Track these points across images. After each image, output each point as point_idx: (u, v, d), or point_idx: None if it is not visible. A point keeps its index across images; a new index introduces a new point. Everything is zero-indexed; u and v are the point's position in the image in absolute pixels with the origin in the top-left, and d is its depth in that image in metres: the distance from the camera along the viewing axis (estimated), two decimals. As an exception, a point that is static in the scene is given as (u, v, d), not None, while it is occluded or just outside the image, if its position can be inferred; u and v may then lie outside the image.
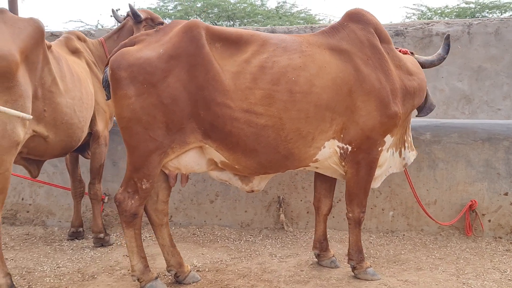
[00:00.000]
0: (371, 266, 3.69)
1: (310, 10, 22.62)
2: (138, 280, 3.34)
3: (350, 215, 3.65)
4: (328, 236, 4.54)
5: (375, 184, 3.80)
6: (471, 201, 4.51)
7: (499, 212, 4.57)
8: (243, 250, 4.34)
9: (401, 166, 3.91)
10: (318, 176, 3.91)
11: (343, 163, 3.51)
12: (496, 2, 17.74)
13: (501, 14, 17.09)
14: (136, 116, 3.13)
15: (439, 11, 16.01)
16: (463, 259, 4.08)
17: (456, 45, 6.04)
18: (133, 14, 4.54)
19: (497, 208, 4.56)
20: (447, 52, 3.81)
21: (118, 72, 3.12)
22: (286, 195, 4.85)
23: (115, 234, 4.79)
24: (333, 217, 4.79)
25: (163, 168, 3.34)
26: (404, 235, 4.67)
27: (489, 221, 4.60)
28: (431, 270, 3.82)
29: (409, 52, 3.87)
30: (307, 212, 4.84)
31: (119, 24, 5.08)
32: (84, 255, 4.27)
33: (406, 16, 16.91)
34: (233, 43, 3.27)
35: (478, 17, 6.33)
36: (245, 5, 17.63)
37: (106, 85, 3.35)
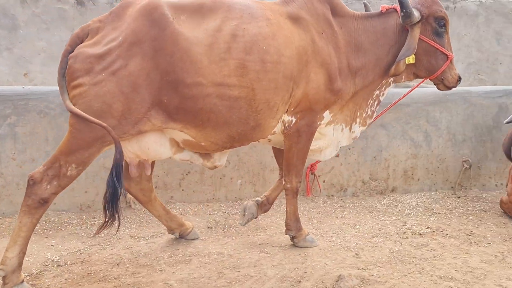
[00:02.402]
0: (309, 234, 3.74)
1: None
2: (4, 277, 2.81)
3: (288, 185, 3.62)
4: (180, 210, 4.42)
5: (324, 157, 3.88)
6: (311, 164, 4.82)
7: (332, 173, 5.01)
8: (97, 235, 3.88)
9: (350, 139, 3.92)
10: (279, 153, 3.90)
11: (283, 134, 3.49)
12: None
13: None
14: (89, 105, 2.86)
15: None
16: (315, 218, 4.38)
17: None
18: None
19: (330, 169, 4.99)
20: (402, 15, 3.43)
21: (73, 65, 2.88)
22: (132, 171, 4.48)
23: None
24: (183, 190, 4.63)
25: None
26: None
27: (324, 181, 5.01)
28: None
29: (397, 9, 3.58)
30: (155, 187, 4.53)
31: None
32: None
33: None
34: (196, 11, 3.10)
35: None
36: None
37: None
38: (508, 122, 4.90)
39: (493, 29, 7.27)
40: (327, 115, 3.56)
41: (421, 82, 4.04)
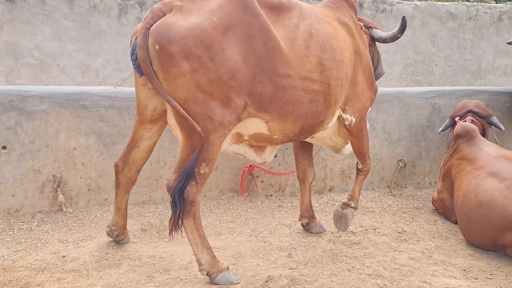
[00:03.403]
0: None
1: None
2: (207, 274, 3.03)
3: (366, 168, 3.92)
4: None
5: (346, 151, 4.07)
6: (249, 165, 4.82)
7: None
8: (23, 240, 3.73)
9: None
10: (300, 148, 4.05)
11: (349, 132, 3.73)
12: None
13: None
14: (193, 95, 2.80)
15: None
16: (251, 219, 4.37)
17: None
18: None
19: (268, 169, 4.99)
20: (401, 32, 3.79)
21: (169, 47, 2.71)
22: (64, 173, 4.34)
23: None
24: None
25: None
26: (189, 203, 4.71)
27: (262, 181, 5.02)
28: (230, 234, 3.98)
29: (364, 29, 3.96)
30: (88, 190, 4.43)
31: None
32: None
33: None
34: (275, 8, 3.15)
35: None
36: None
37: (136, 59, 2.85)
38: (443, 130, 5.10)
39: (428, 31, 7.50)
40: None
41: None
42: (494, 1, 16.02)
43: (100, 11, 6.19)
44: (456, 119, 4.90)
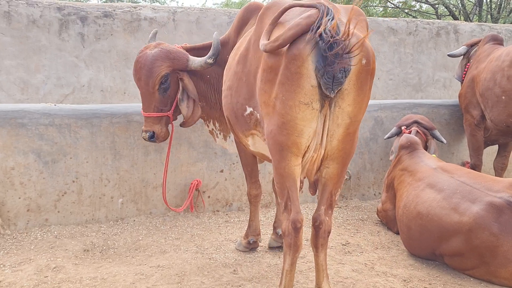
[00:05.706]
0: None
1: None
2: None
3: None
4: (55, 233, 4.19)
5: None
6: (196, 180, 4.79)
7: (217, 188, 5.00)
8: (-43, 266, 3.56)
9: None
10: None
11: None
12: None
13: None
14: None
15: None
16: (197, 235, 4.33)
17: (163, 31, 6.25)
18: None
19: (215, 184, 4.97)
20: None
21: (372, 64, 2.58)
22: (1, 194, 4.17)
23: None
24: (59, 211, 4.38)
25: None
26: (134, 220, 4.63)
27: (209, 197, 4.99)
28: (175, 251, 3.93)
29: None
30: (27, 210, 4.28)
31: None
32: None
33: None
34: None
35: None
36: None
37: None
38: (388, 138, 5.28)
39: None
40: None
41: None
42: (435, 16, 16.68)
43: (40, 26, 6.03)
44: (403, 128, 5.10)
